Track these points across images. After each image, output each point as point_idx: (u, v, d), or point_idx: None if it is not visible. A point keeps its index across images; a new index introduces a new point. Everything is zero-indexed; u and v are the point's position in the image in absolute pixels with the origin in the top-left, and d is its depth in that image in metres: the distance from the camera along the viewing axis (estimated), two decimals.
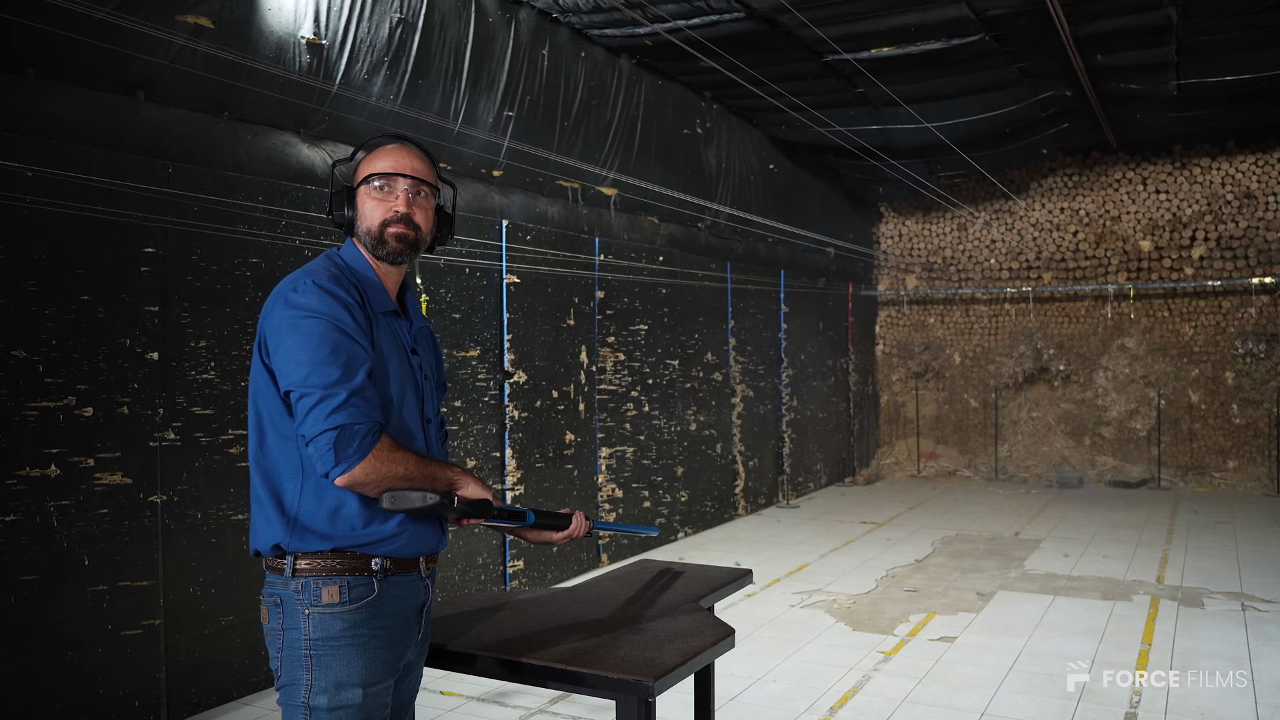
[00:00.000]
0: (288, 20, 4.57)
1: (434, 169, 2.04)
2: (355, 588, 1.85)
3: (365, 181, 1.98)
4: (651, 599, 2.47)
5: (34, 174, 3.51)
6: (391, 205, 1.95)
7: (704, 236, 8.54)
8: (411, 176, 1.96)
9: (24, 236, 3.50)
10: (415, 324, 2.06)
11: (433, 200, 2.02)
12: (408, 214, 1.96)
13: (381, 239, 1.95)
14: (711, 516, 8.35)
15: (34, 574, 3.51)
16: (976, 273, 11.98)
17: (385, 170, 1.95)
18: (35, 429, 3.53)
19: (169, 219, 3.96)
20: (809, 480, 10.38)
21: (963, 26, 6.48)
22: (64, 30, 3.61)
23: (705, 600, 2.51)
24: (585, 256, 6.69)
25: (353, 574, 1.85)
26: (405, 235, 1.96)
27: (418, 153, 2.02)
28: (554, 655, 1.98)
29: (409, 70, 5.25)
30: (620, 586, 2.60)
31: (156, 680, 3.88)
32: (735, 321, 8.77)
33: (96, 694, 3.68)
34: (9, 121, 3.53)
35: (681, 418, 7.84)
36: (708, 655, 2.05)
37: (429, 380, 2.04)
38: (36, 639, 3.50)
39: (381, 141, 2.03)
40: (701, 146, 8.28)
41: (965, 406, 12.12)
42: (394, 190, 1.96)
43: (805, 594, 6.03)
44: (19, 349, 3.49)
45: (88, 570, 3.67)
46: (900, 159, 9.74)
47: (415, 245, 1.99)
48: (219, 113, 4.37)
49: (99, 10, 3.72)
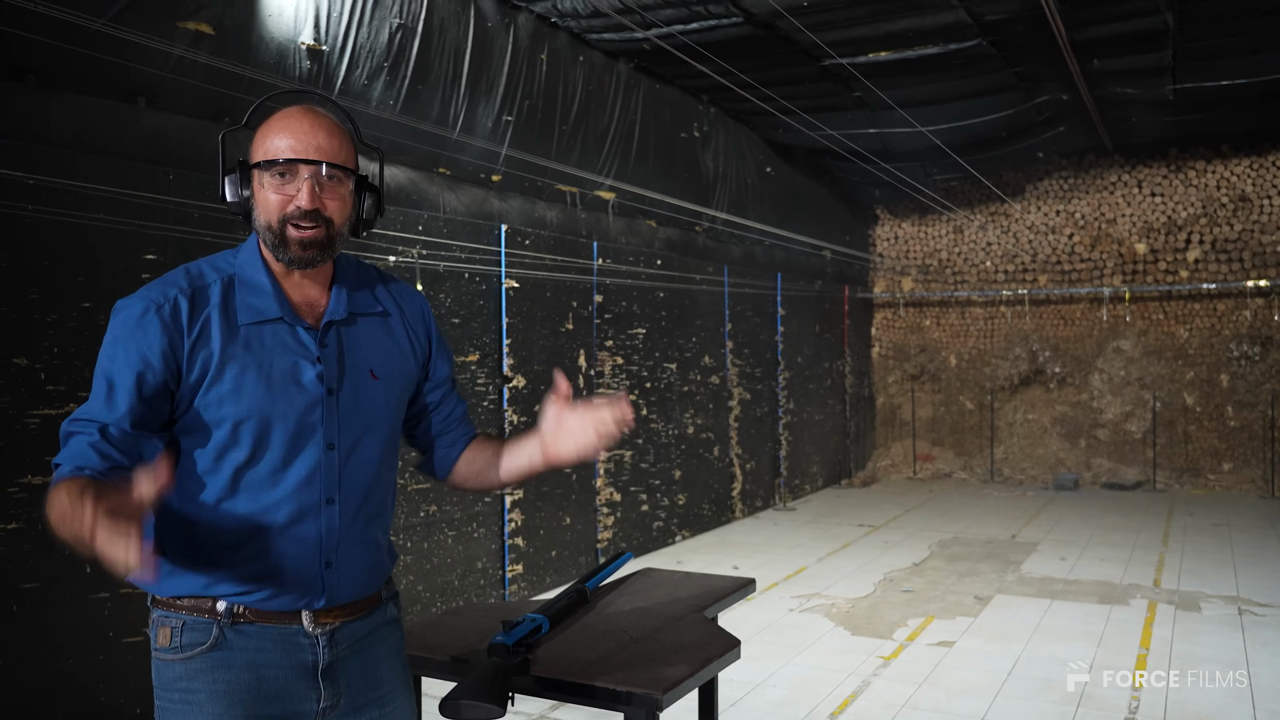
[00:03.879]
0: (288, 26, 4.57)
1: (349, 138, 1.61)
2: (189, 630, 1.54)
3: (259, 165, 1.55)
4: (656, 609, 2.48)
5: (35, 182, 3.51)
6: (292, 197, 1.54)
7: (701, 240, 8.55)
8: (316, 161, 1.53)
9: (25, 244, 3.50)
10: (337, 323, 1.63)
11: (349, 181, 1.59)
12: (314, 208, 1.54)
13: (283, 240, 1.54)
14: (709, 519, 8.36)
15: (36, 581, 3.50)
16: (972, 275, 12.01)
17: (282, 154, 1.52)
18: (37, 436, 3.53)
19: (169, 226, 3.96)
20: (806, 483, 10.40)
21: (960, 32, 6.50)
22: (65, 37, 3.60)
23: (710, 610, 2.52)
24: (583, 261, 6.70)
25: (188, 613, 1.54)
26: (312, 237, 1.55)
27: (325, 121, 1.57)
28: (561, 668, 1.99)
29: (409, 75, 5.25)
30: (624, 596, 2.61)
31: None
32: (732, 324, 8.78)
33: (97, 701, 3.68)
34: (10, 129, 3.53)
35: (679, 421, 7.85)
36: (715, 667, 2.06)
37: (336, 395, 1.59)
38: (38, 646, 3.50)
39: (283, 103, 1.62)
40: (699, 150, 8.29)
41: (961, 409, 12.16)
42: (295, 178, 1.53)
43: (804, 598, 6.04)
44: (21, 357, 3.49)
45: (88, 578, 3.67)
46: (897, 162, 9.77)
47: (327, 244, 1.57)
48: (220, 119, 4.37)
49: (99, 17, 3.72)
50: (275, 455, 1.54)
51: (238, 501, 1.54)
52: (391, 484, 1.73)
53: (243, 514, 1.54)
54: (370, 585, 1.68)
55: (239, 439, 1.53)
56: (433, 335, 1.79)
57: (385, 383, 1.67)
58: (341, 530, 1.60)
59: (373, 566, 1.67)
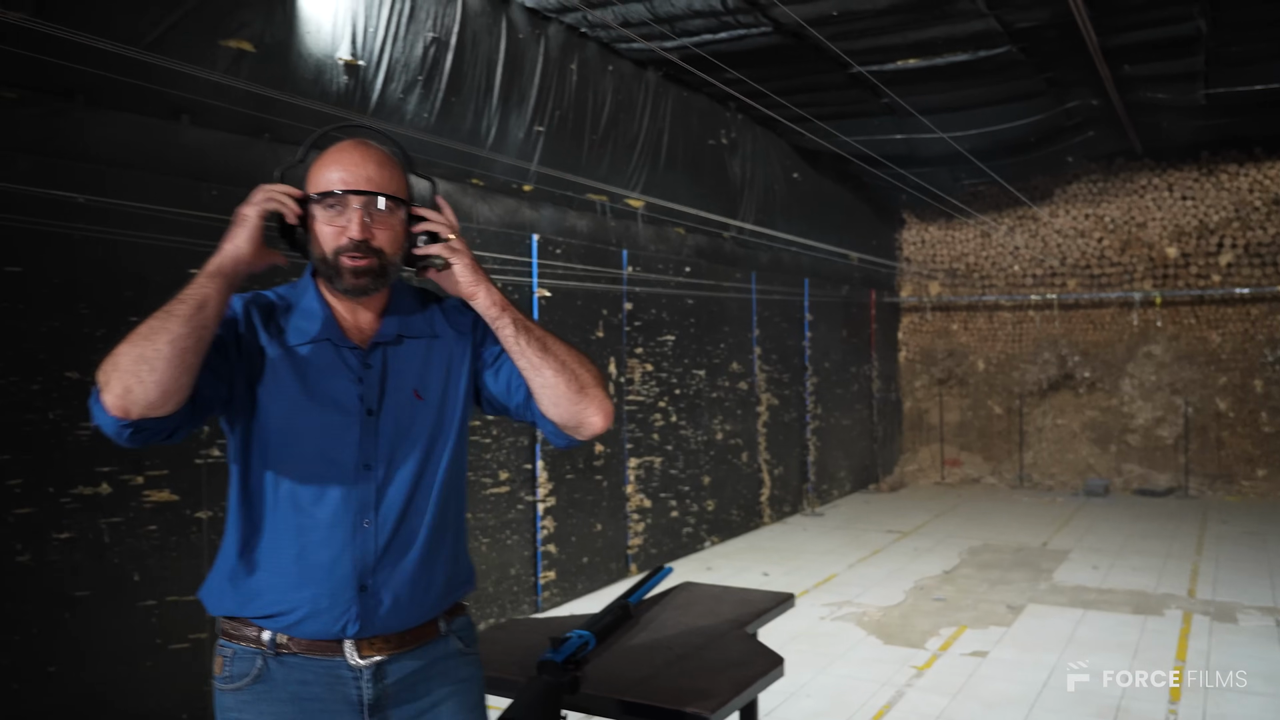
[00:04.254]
0: (326, 42, 4.64)
1: (400, 168, 1.64)
2: (236, 660, 1.57)
3: (313, 199, 1.59)
4: (698, 625, 2.51)
5: (85, 200, 3.59)
6: (344, 229, 1.57)
7: (729, 246, 8.58)
8: (366, 192, 1.57)
9: (76, 261, 3.59)
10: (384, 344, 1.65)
11: (400, 211, 1.61)
12: (364, 239, 1.57)
13: (337, 270, 1.58)
14: (737, 525, 8.38)
15: (87, 589, 3.59)
16: (1000, 279, 11.96)
17: (334, 187, 1.57)
18: (87, 448, 3.61)
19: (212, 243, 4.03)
20: (833, 488, 10.40)
21: (990, 39, 6.50)
22: (110, 58, 3.68)
23: (751, 626, 2.55)
24: (613, 269, 6.75)
25: (237, 641, 1.57)
26: (364, 267, 1.57)
27: (375, 152, 1.61)
28: (611, 686, 2.03)
29: (442, 88, 5.31)
30: (667, 611, 2.65)
31: (204, 693, 3.95)
32: (760, 330, 8.80)
33: (146, 706, 3.76)
34: (61, 148, 3.61)
35: (708, 427, 7.88)
36: (759, 685, 2.10)
37: (376, 415, 1.61)
38: (90, 652, 3.58)
39: (333, 139, 1.65)
40: (726, 157, 8.32)
41: (989, 413, 12.11)
42: (346, 210, 1.57)
43: (835, 605, 6.05)
44: (72, 370, 3.57)
45: (137, 585, 3.75)
46: (924, 167, 9.75)
47: (381, 274, 1.60)
48: (260, 134, 4.45)
49: (144, 38, 3.81)
50: (312, 472, 1.57)
51: (278, 518, 1.57)
52: (447, 510, 1.67)
53: (281, 530, 1.57)
54: (420, 615, 1.62)
55: (279, 454, 1.57)
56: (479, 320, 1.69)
57: (431, 404, 1.65)
58: (379, 552, 1.57)
59: (422, 594, 1.61)
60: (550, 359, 1.59)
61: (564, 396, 1.59)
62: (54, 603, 3.49)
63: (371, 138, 1.68)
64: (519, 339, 1.60)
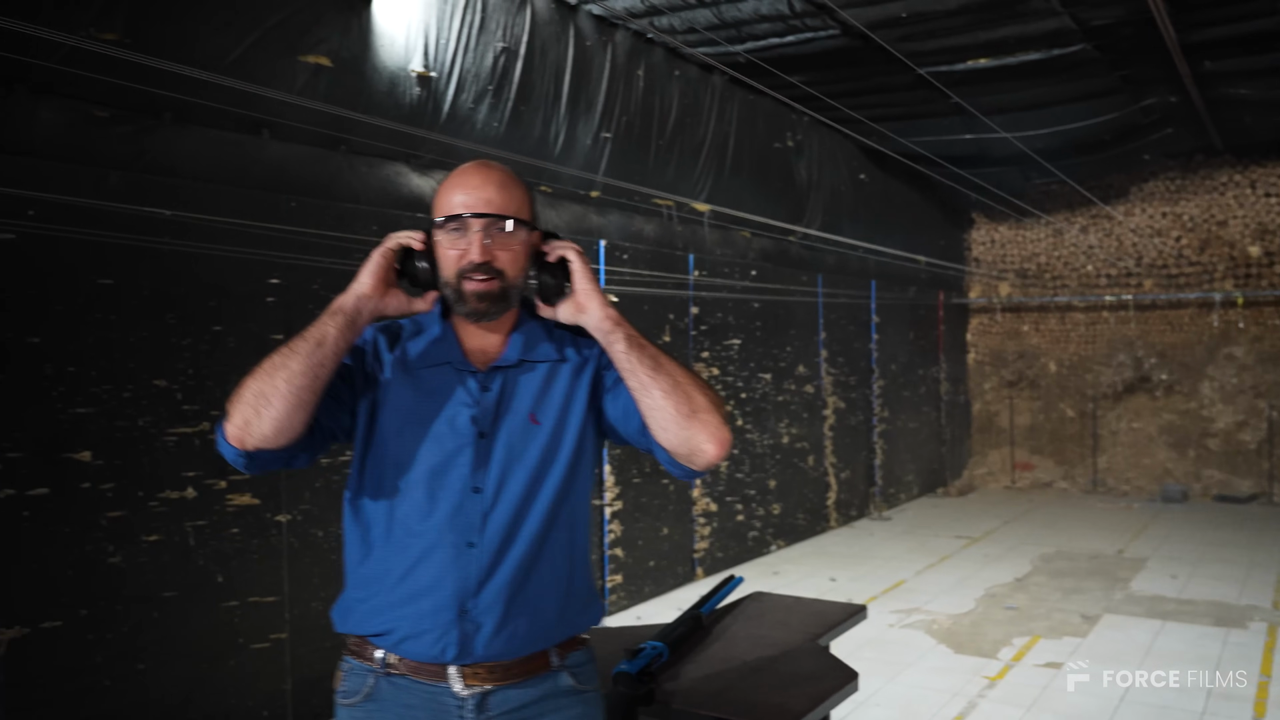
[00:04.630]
0: (399, 55, 4.73)
1: (523, 192, 1.62)
2: (351, 675, 1.60)
3: (436, 224, 1.60)
4: (771, 637, 2.52)
5: (172, 215, 3.72)
6: (464, 252, 1.57)
7: (796, 249, 8.54)
8: (485, 215, 1.56)
9: (164, 273, 3.72)
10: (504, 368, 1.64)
11: (521, 233, 1.60)
12: (485, 261, 1.56)
13: (461, 294, 1.58)
14: (803, 529, 8.34)
15: (174, 590, 3.72)
16: (1073, 279, 11.70)
17: (454, 210, 1.57)
18: (174, 453, 3.74)
19: (291, 254, 4.15)
20: (900, 491, 10.28)
21: (1064, 37, 6.36)
22: (197, 74, 3.81)
23: (824, 638, 2.55)
24: (680, 274, 6.76)
25: (356, 658, 1.61)
26: (486, 290, 1.57)
27: (496, 175, 1.60)
28: (686, 699, 2.05)
29: (512, 97, 5.38)
30: (738, 622, 2.66)
31: (283, 692, 4.07)
32: (827, 333, 8.74)
33: (229, 704, 3.88)
34: (150, 164, 3.75)
35: (774, 431, 7.85)
36: (834, 700, 2.10)
37: (489, 438, 1.59)
38: (176, 651, 3.71)
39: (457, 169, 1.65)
40: (792, 159, 8.28)
41: (1061, 416, 11.85)
42: (467, 231, 1.57)
43: (903, 613, 5.99)
44: (160, 379, 3.70)
45: (221, 586, 3.88)
46: (995, 167, 9.58)
47: (503, 297, 1.59)
48: (336, 147, 4.56)
49: (228, 55, 3.93)
50: (421, 493, 1.56)
51: (390, 536, 1.58)
52: (559, 537, 1.62)
53: (390, 550, 1.57)
54: (525, 645, 1.57)
55: (392, 474, 1.58)
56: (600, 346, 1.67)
57: (548, 429, 1.62)
58: (481, 577, 1.54)
59: (527, 623, 1.57)
60: (661, 377, 1.53)
61: (673, 420, 1.52)
62: (143, 602, 3.62)
63: (488, 165, 1.66)
64: (630, 355, 1.55)
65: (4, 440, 3.26)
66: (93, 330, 3.50)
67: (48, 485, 3.37)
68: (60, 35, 3.33)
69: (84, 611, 3.45)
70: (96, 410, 3.51)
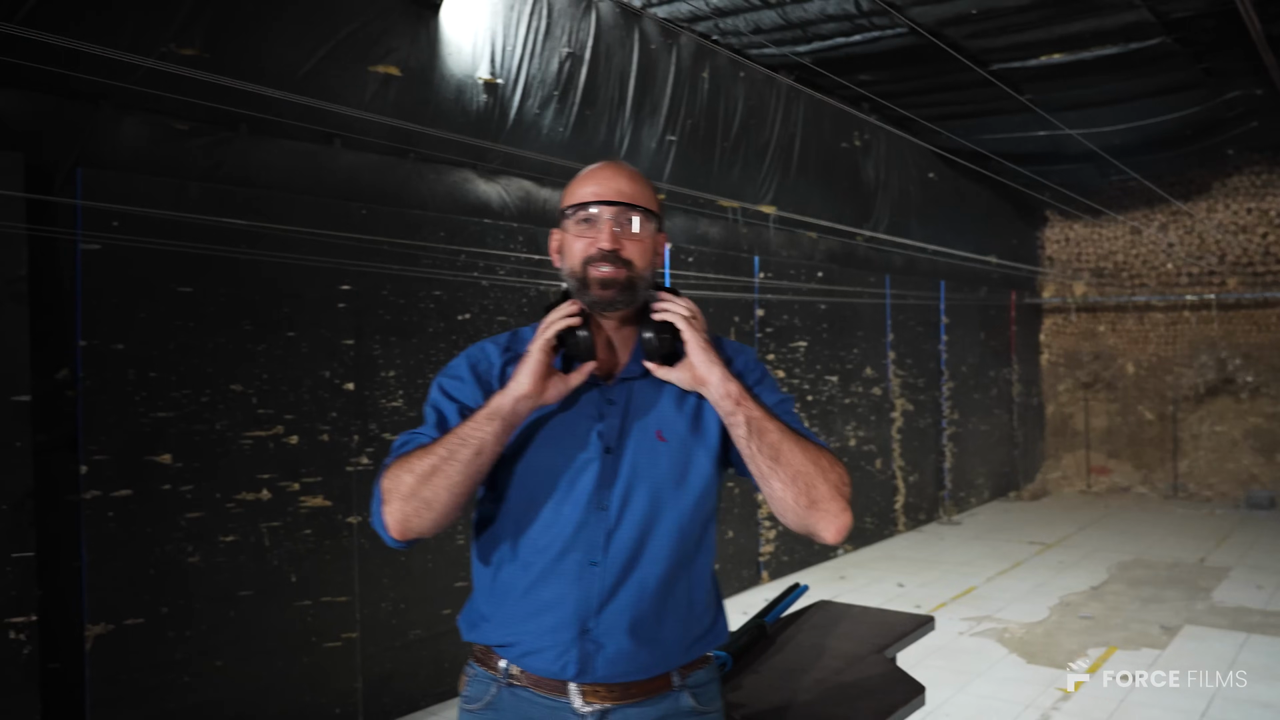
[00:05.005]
0: (467, 62, 4.79)
1: (651, 189, 1.63)
2: (475, 682, 1.61)
3: (565, 214, 1.61)
4: (836, 647, 2.49)
5: (247, 224, 3.82)
6: (593, 240, 1.56)
7: (863, 250, 8.44)
8: (616, 202, 1.56)
9: (240, 281, 3.82)
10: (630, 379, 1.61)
11: (649, 228, 1.59)
12: (614, 249, 1.54)
13: (585, 283, 1.57)
14: (871, 533, 8.24)
15: (250, 589, 3.82)
16: (1152, 278, 11.36)
17: (586, 199, 1.58)
18: (250, 456, 3.84)
19: (362, 262, 4.23)
20: (971, 495, 10.09)
21: (1142, 30, 6.18)
22: (272, 87, 3.91)
23: (890, 650, 2.52)
24: (745, 277, 6.73)
25: (481, 665, 1.61)
26: (612, 278, 1.54)
27: (627, 170, 1.62)
28: (750, 710, 2.04)
29: (577, 102, 5.41)
30: (803, 632, 2.64)
31: (354, 689, 4.15)
32: (894, 334, 8.63)
33: (303, 700, 3.97)
34: (228, 175, 3.85)
35: (840, 433, 7.77)
36: (900, 715, 2.07)
37: (615, 454, 1.56)
38: (252, 648, 3.81)
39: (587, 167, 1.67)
40: (859, 159, 8.18)
41: (1140, 419, 11.52)
42: (597, 221, 1.57)
43: (974, 620, 5.88)
44: (237, 383, 3.80)
45: (294, 586, 3.97)
46: (1069, 164, 9.35)
47: (630, 286, 1.56)
48: (405, 154, 4.63)
49: (301, 67, 4.03)
50: (546, 508, 1.54)
51: (515, 550, 1.56)
52: (685, 559, 1.58)
53: (516, 563, 1.56)
54: (648, 668, 1.54)
55: (518, 489, 1.56)
56: (747, 370, 1.64)
57: (675, 445, 1.58)
58: (604, 596, 1.52)
59: (649, 645, 1.53)
60: (781, 469, 1.48)
61: (791, 510, 1.49)
62: (220, 601, 3.73)
63: (618, 163, 1.67)
64: (750, 442, 1.50)
65: (90, 443, 3.39)
66: (173, 337, 3.61)
67: (131, 487, 3.49)
68: (138, 58, 3.45)
69: (165, 609, 3.56)
70: (176, 414, 3.62)
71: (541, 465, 1.55)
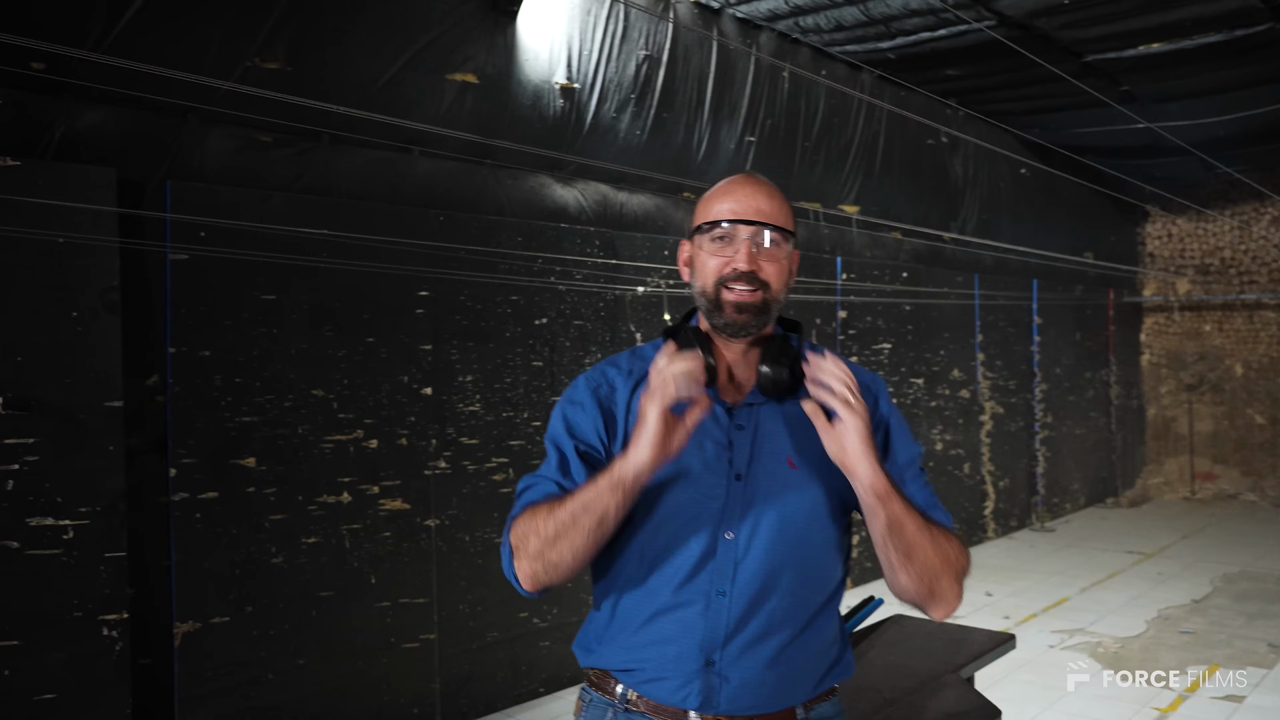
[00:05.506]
0: (543, 68, 4.81)
1: (789, 206, 1.56)
2: (591, 707, 1.58)
3: (699, 230, 1.55)
4: (909, 665, 2.42)
5: (328, 233, 3.90)
6: (729, 260, 1.50)
7: (950, 250, 8.22)
8: (755, 222, 1.49)
9: (321, 288, 3.90)
10: (758, 403, 1.54)
11: (785, 248, 1.53)
12: (750, 270, 1.49)
13: (718, 304, 1.51)
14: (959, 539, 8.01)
15: (330, 590, 3.90)
16: (1263, 275, 10.81)
17: (723, 216, 1.51)
18: (331, 460, 3.92)
19: (439, 269, 4.29)
20: (1065, 501, 9.75)
21: (1248, 16, 5.87)
22: (352, 96, 3.98)
23: (967, 669, 2.43)
24: (827, 279, 6.62)
25: (597, 690, 1.58)
26: (749, 301, 1.49)
27: (765, 186, 1.55)
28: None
29: (654, 105, 5.39)
30: (876, 648, 2.57)
31: (431, 690, 4.21)
32: (984, 335, 8.38)
33: (381, 700, 4.04)
34: (309, 185, 3.94)
35: (926, 437, 7.58)
36: None
37: (744, 481, 1.50)
38: (333, 648, 3.90)
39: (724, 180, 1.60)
40: (947, 156, 7.97)
41: (1249, 423, 10.97)
42: (734, 240, 1.51)
43: (1065, 633, 5.67)
44: (318, 388, 3.89)
45: (373, 588, 4.04)
46: (1171, 157, 8.95)
47: (764, 310, 1.51)
48: (483, 160, 4.67)
49: (380, 77, 4.09)
50: (672, 536, 1.49)
51: (639, 576, 1.52)
52: (816, 592, 1.53)
53: (639, 591, 1.52)
54: (775, 701, 1.50)
55: (643, 513, 1.49)
56: (885, 418, 1.60)
57: (806, 473, 1.52)
58: (731, 628, 1.47)
59: (775, 681, 1.49)
60: (911, 566, 1.44)
61: (907, 595, 1.48)
62: (302, 601, 3.82)
63: (758, 178, 1.60)
64: (887, 538, 1.43)
65: (179, 447, 3.50)
66: (256, 343, 3.71)
67: (217, 489, 3.60)
68: (219, 82, 3.55)
69: (249, 608, 3.66)
70: (260, 419, 3.72)
71: (669, 492, 1.49)
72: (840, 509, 1.54)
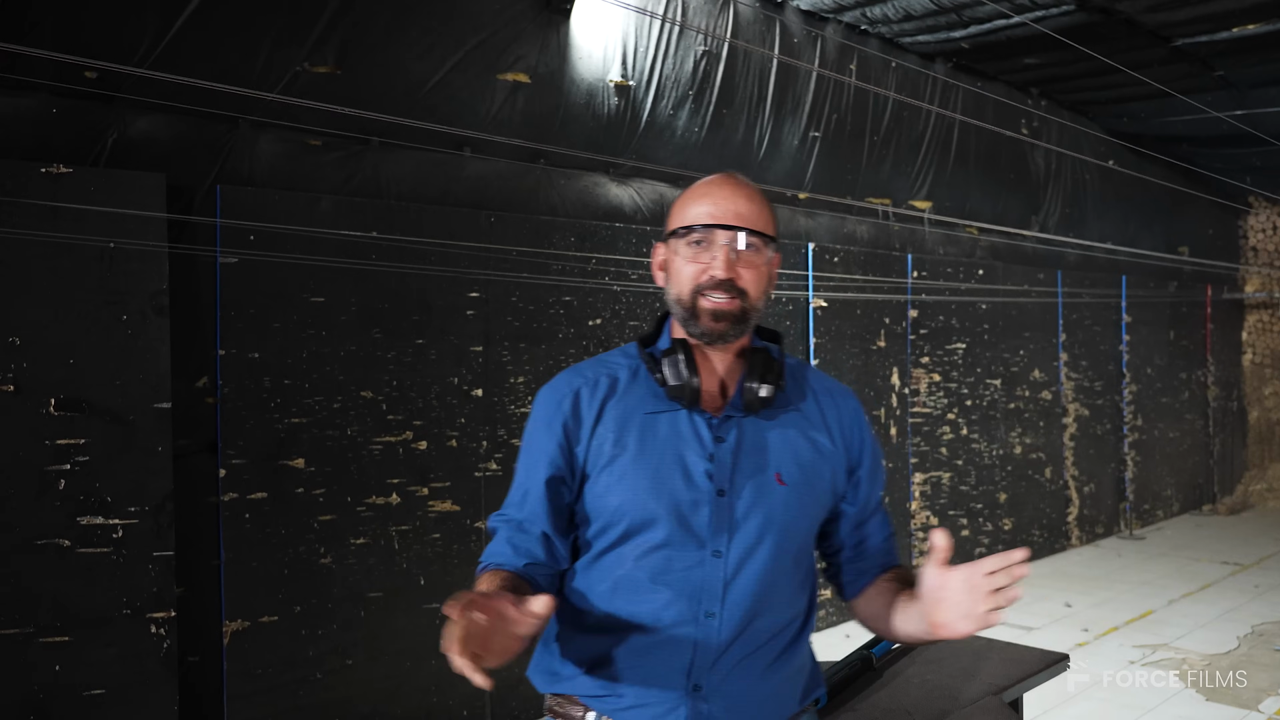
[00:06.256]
0: (597, 66, 4.76)
1: (770, 208, 1.50)
2: None
3: (675, 234, 1.48)
4: (947, 686, 2.29)
5: (378, 236, 3.91)
6: (705, 266, 1.44)
7: (1030, 245, 7.91)
8: (734, 227, 1.43)
9: (370, 290, 3.91)
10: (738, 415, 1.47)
11: (765, 254, 1.46)
12: (728, 278, 1.43)
13: (694, 313, 1.45)
14: (1040, 547, 7.72)
15: (380, 591, 3.91)
16: None
17: (699, 220, 1.45)
18: (380, 461, 3.93)
19: (490, 271, 4.27)
20: (1157, 508, 9.31)
21: None
22: (402, 98, 3.99)
23: (1010, 692, 2.29)
24: (897, 277, 6.42)
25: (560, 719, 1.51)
26: (725, 309, 1.43)
27: (745, 188, 1.49)
28: None
29: (713, 101, 5.29)
30: (915, 666, 2.44)
31: (481, 694, 4.19)
32: (1067, 335, 8.05)
33: (431, 702, 4.04)
34: (359, 187, 3.96)
35: (1004, 440, 7.31)
36: None
37: (728, 497, 1.43)
38: (382, 650, 3.91)
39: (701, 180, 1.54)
40: (1027, 148, 7.67)
41: None
42: (711, 245, 1.45)
43: (1148, 648, 5.39)
44: (367, 390, 3.90)
45: (423, 589, 4.04)
46: (1273, 145, 8.45)
47: (742, 318, 1.45)
48: (535, 160, 4.65)
49: (431, 78, 4.09)
50: (653, 554, 1.42)
51: (613, 599, 1.45)
52: (800, 610, 1.51)
53: (614, 613, 1.44)
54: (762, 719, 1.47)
55: (618, 529, 1.44)
56: (866, 449, 1.56)
57: (794, 490, 1.47)
58: (719, 650, 1.42)
59: (763, 702, 1.46)
60: None
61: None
62: (351, 602, 3.83)
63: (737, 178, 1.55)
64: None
65: (229, 448, 3.55)
66: (306, 345, 3.74)
67: (266, 490, 3.63)
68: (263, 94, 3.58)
69: (298, 608, 3.69)
70: (309, 420, 3.75)
71: (646, 505, 1.42)
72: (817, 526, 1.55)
